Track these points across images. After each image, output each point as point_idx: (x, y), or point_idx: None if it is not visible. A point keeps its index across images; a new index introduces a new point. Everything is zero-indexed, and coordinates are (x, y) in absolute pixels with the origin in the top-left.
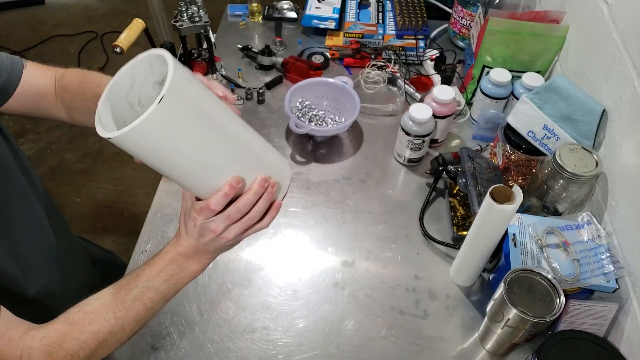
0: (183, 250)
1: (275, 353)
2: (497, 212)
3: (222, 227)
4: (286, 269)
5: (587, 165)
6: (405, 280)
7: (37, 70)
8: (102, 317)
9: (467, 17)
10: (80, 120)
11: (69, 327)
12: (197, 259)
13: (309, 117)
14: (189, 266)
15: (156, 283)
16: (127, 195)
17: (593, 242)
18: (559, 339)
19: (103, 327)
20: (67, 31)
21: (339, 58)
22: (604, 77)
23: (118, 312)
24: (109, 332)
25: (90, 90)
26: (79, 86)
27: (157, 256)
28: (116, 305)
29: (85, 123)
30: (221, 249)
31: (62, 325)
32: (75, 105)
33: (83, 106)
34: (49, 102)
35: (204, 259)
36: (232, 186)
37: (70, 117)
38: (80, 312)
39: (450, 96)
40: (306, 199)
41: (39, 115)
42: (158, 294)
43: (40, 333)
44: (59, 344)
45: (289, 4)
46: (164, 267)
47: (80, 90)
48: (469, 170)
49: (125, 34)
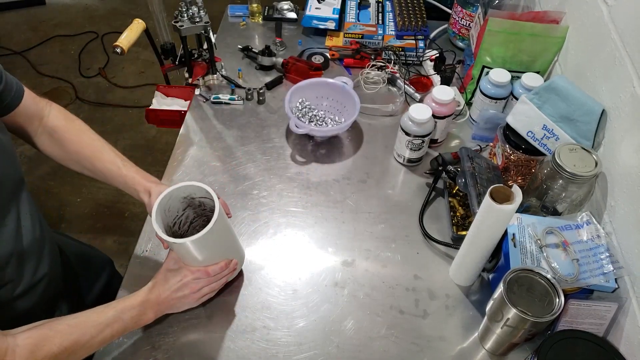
0: (153, 298)
1: (275, 352)
2: (496, 212)
3: (199, 286)
4: (286, 269)
5: (587, 165)
6: (405, 280)
7: (31, 97)
8: (81, 331)
9: (467, 18)
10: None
11: (52, 333)
12: (156, 309)
13: (309, 118)
14: (148, 313)
15: (125, 317)
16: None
17: (592, 242)
18: (559, 338)
19: (80, 339)
20: (67, 31)
21: (338, 58)
22: (603, 77)
23: (93, 331)
24: (82, 345)
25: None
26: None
27: (132, 296)
28: (92, 326)
29: (63, 164)
30: (179, 305)
31: (45, 330)
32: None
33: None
34: (30, 129)
35: (160, 311)
36: (227, 264)
37: (45, 152)
38: (64, 324)
39: (450, 96)
40: (306, 199)
41: (20, 136)
42: (123, 326)
43: (25, 334)
44: (42, 345)
45: (289, 5)
46: (135, 307)
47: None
48: (469, 170)
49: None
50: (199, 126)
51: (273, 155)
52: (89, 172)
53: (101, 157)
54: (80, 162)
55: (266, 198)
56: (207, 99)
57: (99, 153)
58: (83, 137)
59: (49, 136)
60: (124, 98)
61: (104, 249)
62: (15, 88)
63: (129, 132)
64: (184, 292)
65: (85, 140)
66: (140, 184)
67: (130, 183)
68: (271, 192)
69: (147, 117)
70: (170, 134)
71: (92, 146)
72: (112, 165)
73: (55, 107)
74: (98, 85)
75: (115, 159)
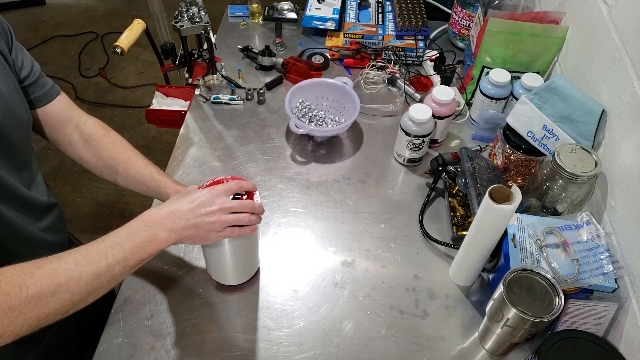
0: (163, 213)
1: (276, 352)
2: (496, 212)
3: (229, 205)
4: (286, 269)
5: (587, 166)
6: (405, 280)
7: (65, 102)
8: (62, 259)
9: (467, 18)
10: (94, 168)
11: (25, 263)
12: (170, 225)
13: (309, 118)
14: (157, 232)
15: (123, 240)
16: (127, 195)
17: (592, 242)
18: (559, 338)
19: (61, 267)
20: (67, 32)
21: (338, 59)
22: (603, 77)
23: (80, 259)
24: (66, 275)
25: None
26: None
27: (134, 219)
28: (79, 253)
29: (96, 171)
30: (199, 227)
31: (19, 262)
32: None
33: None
34: (61, 133)
35: (175, 230)
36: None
37: (79, 158)
38: (42, 258)
39: (450, 97)
40: (306, 198)
41: (49, 138)
42: (121, 252)
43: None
44: (6, 275)
45: (289, 5)
46: (135, 228)
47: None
48: (469, 170)
49: (125, 34)
50: (199, 126)
51: (273, 155)
52: (122, 178)
53: (134, 164)
54: (113, 168)
55: (266, 198)
56: (207, 99)
57: (132, 160)
58: (118, 145)
59: (84, 143)
60: (124, 98)
61: None
62: (49, 87)
63: (129, 132)
64: (212, 208)
65: (120, 148)
66: (172, 187)
67: (163, 187)
68: (271, 192)
69: (147, 117)
70: (170, 134)
71: (125, 154)
72: (145, 170)
73: (93, 117)
74: (98, 86)
75: (148, 165)
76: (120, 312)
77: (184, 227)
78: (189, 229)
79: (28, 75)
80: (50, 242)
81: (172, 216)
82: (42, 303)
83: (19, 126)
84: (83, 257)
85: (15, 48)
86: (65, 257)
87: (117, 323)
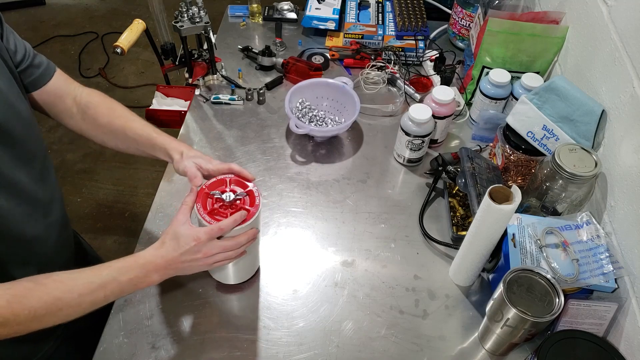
0: (159, 261)
1: (276, 352)
2: (495, 212)
3: (214, 251)
4: (286, 269)
5: (586, 166)
6: (405, 280)
7: (62, 78)
8: (68, 288)
9: (467, 18)
10: (95, 137)
11: (36, 286)
12: (163, 272)
13: (309, 118)
14: (152, 275)
15: (123, 279)
16: (127, 195)
17: (592, 242)
18: (558, 338)
19: (65, 297)
20: (67, 32)
21: (338, 59)
22: (603, 77)
23: (84, 290)
24: (67, 303)
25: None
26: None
27: (133, 256)
28: (82, 284)
29: (97, 139)
30: (188, 270)
31: (29, 283)
32: (98, 123)
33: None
34: (62, 107)
35: (167, 274)
36: (248, 236)
37: (79, 129)
38: (50, 278)
39: (450, 97)
40: (306, 198)
41: (51, 114)
42: (119, 288)
43: (6, 285)
44: (22, 297)
45: (289, 5)
46: (135, 268)
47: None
48: (469, 170)
49: (125, 34)
50: (199, 126)
51: (273, 155)
52: (122, 143)
53: (132, 126)
54: (113, 133)
55: (266, 198)
56: (207, 99)
57: (130, 122)
58: (115, 110)
59: (82, 114)
60: (124, 98)
61: (104, 249)
62: (45, 67)
63: None
64: (196, 256)
65: (117, 112)
66: (172, 145)
67: (160, 145)
68: (271, 192)
69: (147, 117)
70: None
71: (123, 117)
72: (143, 132)
73: (88, 88)
74: (98, 86)
75: (146, 127)
76: (120, 312)
77: (175, 270)
78: (179, 272)
79: (23, 59)
80: (55, 238)
81: (162, 262)
82: (42, 321)
83: (19, 120)
84: (85, 288)
85: (5, 32)
86: (70, 285)
87: (117, 323)
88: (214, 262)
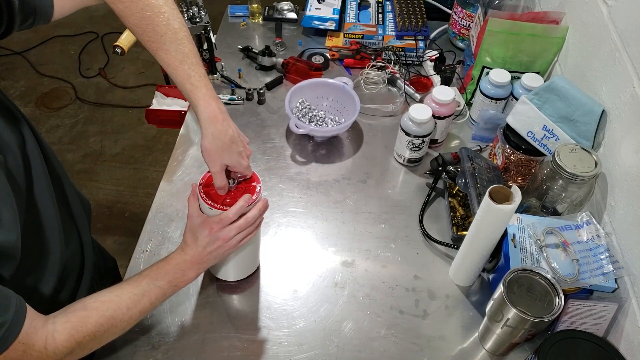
0: (189, 259)
1: (276, 352)
2: (495, 212)
3: (231, 234)
4: (286, 269)
5: (587, 166)
6: (405, 280)
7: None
8: (116, 305)
9: (467, 18)
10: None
11: (88, 312)
12: (197, 268)
13: (309, 118)
14: (188, 273)
15: (161, 283)
16: (127, 195)
17: (592, 242)
18: (558, 338)
19: (117, 314)
20: (67, 32)
21: (339, 59)
22: (603, 77)
23: (130, 303)
24: (120, 319)
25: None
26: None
27: (163, 260)
28: (128, 298)
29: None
30: (218, 257)
31: (81, 311)
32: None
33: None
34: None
35: (201, 268)
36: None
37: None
38: (98, 301)
39: (450, 97)
40: (306, 199)
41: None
42: (161, 292)
43: (62, 318)
44: (80, 326)
45: (289, 5)
46: (169, 271)
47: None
48: (469, 170)
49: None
50: (199, 126)
51: (273, 155)
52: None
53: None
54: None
55: (266, 198)
56: None
57: (161, 52)
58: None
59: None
60: (124, 98)
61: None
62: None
63: (129, 132)
64: (217, 244)
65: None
66: (200, 108)
67: (193, 101)
68: (271, 192)
69: (147, 117)
70: (170, 134)
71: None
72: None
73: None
74: (98, 86)
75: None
76: None
77: (207, 262)
78: (211, 262)
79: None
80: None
81: (192, 259)
82: (102, 340)
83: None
84: (132, 301)
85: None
86: (117, 302)
87: None
88: (237, 242)
